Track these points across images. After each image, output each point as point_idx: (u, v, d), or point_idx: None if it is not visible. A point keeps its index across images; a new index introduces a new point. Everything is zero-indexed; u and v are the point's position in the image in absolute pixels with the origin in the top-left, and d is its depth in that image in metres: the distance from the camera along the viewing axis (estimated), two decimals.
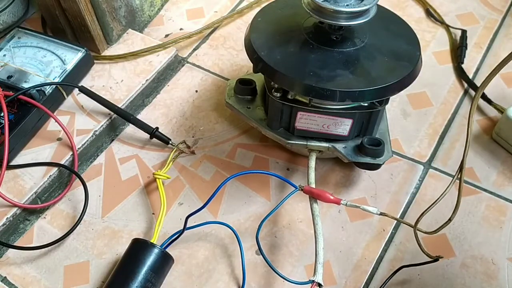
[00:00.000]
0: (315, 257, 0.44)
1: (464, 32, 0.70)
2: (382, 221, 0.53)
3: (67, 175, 0.58)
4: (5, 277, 0.50)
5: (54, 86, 0.60)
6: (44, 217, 0.55)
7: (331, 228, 0.53)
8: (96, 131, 0.60)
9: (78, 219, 0.53)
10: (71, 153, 0.57)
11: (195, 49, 0.72)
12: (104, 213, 0.55)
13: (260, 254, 0.49)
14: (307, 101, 0.49)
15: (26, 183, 0.55)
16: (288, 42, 0.49)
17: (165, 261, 0.47)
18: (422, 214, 0.45)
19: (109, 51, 0.68)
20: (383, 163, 0.51)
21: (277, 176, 0.52)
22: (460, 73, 0.66)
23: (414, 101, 0.64)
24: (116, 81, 0.65)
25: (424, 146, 0.60)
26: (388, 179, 0.57)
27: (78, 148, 0.58)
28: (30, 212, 0.55)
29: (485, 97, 0.63)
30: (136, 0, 0.70)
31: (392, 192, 0.56)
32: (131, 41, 0.69)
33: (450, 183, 0.43)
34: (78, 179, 0.55)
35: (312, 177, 0.50)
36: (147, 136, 0.60)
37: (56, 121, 0.57)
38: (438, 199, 0.44)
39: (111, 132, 0.62)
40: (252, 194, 0.56)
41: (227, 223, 0.51)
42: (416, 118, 0.62)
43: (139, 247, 0.47)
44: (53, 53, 0.63)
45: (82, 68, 0.64)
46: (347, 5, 0.45)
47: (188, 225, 0.49)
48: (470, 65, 0.67)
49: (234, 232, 0.50)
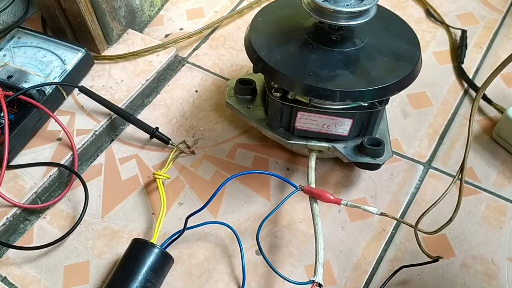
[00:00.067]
0: (315, 257, 0.44)
1: (464, 32, 0.70)
2: (382, 221, 0.53)
3: (67, 175, 0.58)
4: (5, 277, 0.50)
5: (54, 86, 0.60)
6: (44, 217, 0.55)
7: (331, 228, 0.53)
8: (96, 131, 0.60)
9: (78, 219, 0.53)
10: (71, 153, 0.57)
11: (195, 49, 0.72)
12: (104, 213, 0.55)
13: (260, 254, 0.49)
14: (307, 101, 0.49)
15: (26, 183, 0.55)
16: (288, 42, 0.49)
17: (165, 261, 0.47)
18: (423, 215, 0.45)
19: (109, 51, 0.68)
20: (383, 163, 0.51)
21: (277, 176, 0.52)
22: (460, 73, 0.66)
23: (414, 101, 0.64)
24: (116, 81, 0.65)
25: (424, 146, 0.60)
26: (388, 179, 0.57)
27: (78, 148, 0.58)
28: (30, 212, 0.55)
29: (485, 97, 0.63)
30: (136, 0, 0.70)
31: (392, 192, 0.56)
32: (131, 41, 0.69)
33: (451, 184, 0.43)
34: (78, 179, 0.55)
35: (312, 177, 0.50)
36: (147, 136, 0.60)
37: (56, 121, 0.57)
38: (439, 200, 0.44)
39: (111, 132, 0.62)
40: (252, 194, 0.56)
41: (227, 223, 0.51)
42: (416, 118, 0.62)
43: (139, 247, 0.47)
44: (53, 53, 0.63)
45: (82, 68, 0.64)
46: (347, 5, 0.45)
47: (188, 225, 0.49)
48: (470, 65, 0.67)
49: (234, 232, 0.50)
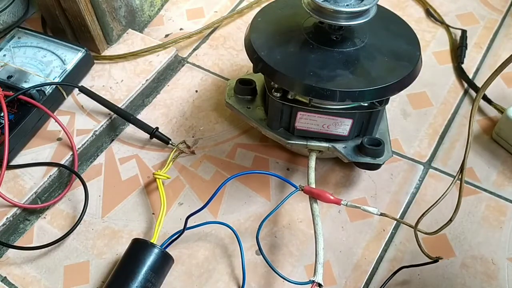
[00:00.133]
0: (315, 257, 0.44)
1: (464, 32, 0.70)
2: (382, 221, 0.53)
3: (67, 175, 0.58)
4: (5, 277, 0.50)
5: (54, 86, 0.60)
6: (44, 217, 0.55)
7: (331, 228, 0.53)
8: (96, 131, 0.60)
9: (78, 219, 0.53)
10: (71, 153, 0.57)
11: (195, 49, 0.72)
12: (104, 213, 0.55)
13: (260, 254, 0.49)
14: (307, 101, 0.49)
15: (26, 183, 0.55)
16: (288, 42, 0.49)
17: (165, 261, 0.47)
18: (423, 215, 0.45)
19: (109, 51, 0.68)
20: (383, 163, 0.51)
21: (277, 176, 0.52)
22: (460, 73, 0.66)
23: (414, 101, 0.64)
24: (116, 81, 0.65)
25: (424, 146, 0.60)
26: (388, 179, 0.57)
27: (78, 148, 0.58)
28: (30, 212, 0.55)
29: (485, 97, 0.63)
30: (136, 0, 0.70)
31: (392, 192, 0.56)
32: (131, 41, 0.69)
33: (451, 184, 0.43)
34: (78, 179, 0.55)
35: (312, 177, 0.50)
36: (147, 136, 0.60)
37: (56, 121, 0.57)
38: (439, 200, 0.44)
39: (111, 132, 0.62)
40: (252, 194, 0.56)
41: (227, 223, 0.51)
42: (416, 118, 0.62)
43: (139, 247, 0.47)
44: (53, 53, 0.63)
45: (82, 68, 0.64)
46: (347, 5, 0.45)
47: (188, 225, 0.49)
48: (470, 65, 0.67)
49: (234, 232, 0.50)
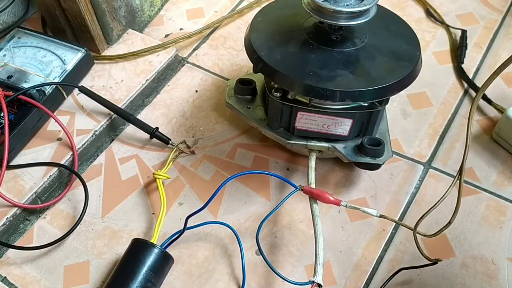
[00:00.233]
0: (315, 258, 0.44)
1: (464, 32, 0.70)
2: (382, 221, 0.53)
3: (67, 175, 0.58)
4: (5, 277, 0.50)
5: (54, 86, 0.60)
6: (44, 217, 0.55)
7: (331, 228, 0.53)
8: (96, 131, 0.60)
9: (78, 219, 0.53)
10: (71, 153, 0.57)
11: (195, 49, 0.72)
12: (104, 213, 0.55)
13: (260, 254, 0.49)
14: (307, 101, 0.49)
15: (26, 183, 0.55)
16: (288, 42, 0.49)
17: (165, 261, 0.47)
18: (422, 217, 0.45)
19: (109, 51, 0.68)
20: (383, 163, 0.51)
21: (277, 176, 0.51)
22: (460, 73, 0.66)
23: (414, 101, 0.64)
24: (116, 81, 0.65)
25: (424, 146, 0.60)
26: (388, 179, 0.57)
27: (78, 148, 0.58)
28: (30, 212, 0.55)
29: (485, 97, 0.63)
30: (136, 0, 0.70)
31: (392, 192, 0.56)
32: (131, 41, 0.69)
33: (450, 186, 0.43)
34: (78, 179, 0.55)
35: (312, 177, 0.50)
36: (147, 136, 0.60)
37: (56, 121, 0.57)
38: (438, 202, 0.44)
39: (111, 132, 0.62)
40: (252, 194, 0.56)
41: (227, 223, 0.51)
42: (416, 118, 0.62)
43: (139, 247, 0.47)
44: (53, 53, 0.63)
45: (82, 68, 0.64)
46: (347, 5, 0.45)
47: (188, 225, 0.49)
48: (470, 65, 0.67)
49: (234, 232, 0.50)
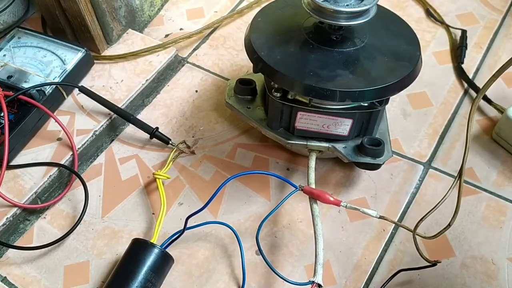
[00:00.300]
0: (315, 258, 0.44)
1: (464, 32, 0.70)
2: (382, 221, 0.53)
3: (67, 175, 0.58)
4: (5, 277, 0.50)
5: (54, 86, 0.60)
6: (44, 217, 0.55)
7: (331, 228, 0.53)
8: (96, 131, 0.60)
9: (78, 219, 0.53)
10: (71, 153, 0.57)
11: (195, 49, 0.72)
12: (104, 213, 0.55)
13: (260, 255, 0.49)
14: (307, 101, 0.49)
15: (26, 183, 0.55)
16: (288, 42, 0.49)
17: (165, 261, 0.47)
18: (422, 219, 0.45)
19: (109, 51, 0.68)
20: (383, 163, 0.51)
21: (277, 176, 0.51)
22: (460, 73, 0.66)
23: (414, 101, 0.64)
24: (116, 81, 0.65)
25: (424, 146, 0.60)
26: (388, 179, 0.57)
27: (78, 148, 0.58)
28: (30, 212, 0.55)
29: (485, 97, 0.63)
30: (136, 0, 0.70)
31: (392, 192, 0.56)
32: (131, 41, 0.69)
33: (450, 187, 0.43)
34: (78, 179, 0.55)
35: (312, 177, 0.50)
36: (147, 136, 0.60)
37: (56, 121, 0.57)
38: (438, 204, 0.44)
39: (111, 132, 0.62)
40: (252, 194, 0.56)
41: (227, 223, 0.51)
42: (416, 118, 0.62)
43: (139, 247, 0.47)
44: (53, 53, 0.63)
45: (82, 68, 0.64)
46: (347, 5, 0.45)
47: (188, 225, 0.49)
48: (470, 65, 0.67)
49: (234, 232, 0.50)
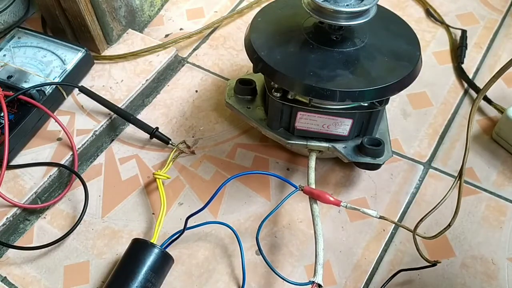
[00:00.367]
0: (315, 258, 0.44)
1: (464, 32, 0.70)
2: (382, 221, 0.53)
3: (67, 175, 0.58)
4: (5, 277, 0.50)
5: (54, 86, 0.60)
6: (44, 217, 0.55)
7: (331, 228, 0.53)
8: (96, 131, 0.60)
9: (78, 219, 0.53)
10: (71, 153, 0.57)
11: (195, 49, 0.72)
12: (104, 213, 0.55)
13: (260, 255, 0.49)
14: (307, 101, 0.49)
15: (26, 183, 0.55)
16: (288, 42, 0.49)
17: (165, 261, 0.47)
18: (422, 220, 0.44)
19: (109, 51, 0.68)
20: (383, 163, 0.51)
21: (277, 176, 0.51)
22: (460, 73, 0.66)
23: (414, 101, 0.64)
24: (116, 81, 0.65)
25: (424, 146, 0.60)
26: (388, 179, 0.57)
27: (78, 148, 0.58)
28: (30, 212, 0.55)
29: (485, 97, 0.63)
30: (136, 0, 0.70)
31: (392, 192, 0.56)
32: (131, 41, 0.69)
33: (451, 188, 0.43)
34: (78, 179, 0.55)
35: (312, 177, 0.50)
36: (147, 136, 0.60)
37: (56, 121, 0.57)
38: (438, 204, 0.44)
39: (111, 132, 0.62)
40: (252, 194, 0.56)
41: (227, 223, 0.51)
42: (416, 118, 0.62)
43: (139, 247, 0.47)
44: (53, 53, 0.63)
45: (82, 68, 0.64)
46: (347, 5, 0.45)
47: (188, 225, 0.49)
48: (470, 65, 0.67)
49: (234, 232, 0.50)
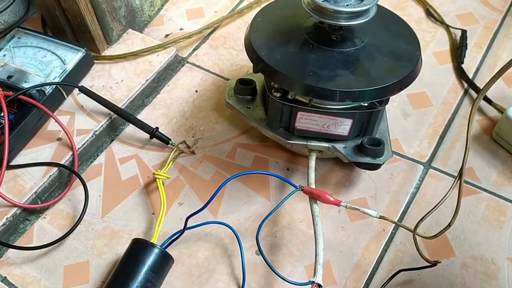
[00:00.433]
0: (315, 258, 0.44)
1: (464, 32, 0.70)
2: (382, 221, 0.53)
3: (67, 175, 0.58)
4: (5, 277, 0.50)
5: (54, 86, 0.60)
6: (44, 217, 0.55)
7: (331, 228, 0.53)
8: (96, 131, 0.60)
9: (78, 219, 0.53)
10: (71, 153, 0.57)
11: (195, 49, 0.72)
12: (104, 213, 0.55)
13: (260, 255, 0.49)
14: (307, 101, 0.49)
15: (26, 183, 0.55)
16: (288, 42, 0.49)
17: (165, 261, 0.47)
18: (422, 219, 0.44)
19: (109, 51, 0.68)
20: (383, 163, 0.51)
21: (277, 176, 0.51)
22: (460, 73, 0.66)
23: (414, 101, 0.64)
24: (116, 81, 0.65)
25: (424, 146, 0.60)
26: (388, 179, 0.57)
27: (78, 148, 0.58)
28: (30, 212, 0.55)
29: (485, 97, 0.63)
30: (136, 0, 0.70)
31: (392, 192, 0.56)
32: (131, 41, 0.69)
33: (451, 188, 0.43)
34: (78, 179, 0.55)
35: (312, 177, 0.50)
36: (147, 136, 0.60)
37: (56, 121, 0.57)
38: (438, 204, 0.44)
39: (111, 132, 0.62)
40: (252, 194, 0.56)
41: (227, 223, 0.51)
42: (416, 118, 0.62)
43: (139, 247, 0.47)
44: (53, 53, 0.63)
45: (82, 68, 0.64)
46: (347, 5, 0.45)
47: (188, 225, 0.49)
48: (470, 65, 0.67)
49: (234, 232, 0.50)
